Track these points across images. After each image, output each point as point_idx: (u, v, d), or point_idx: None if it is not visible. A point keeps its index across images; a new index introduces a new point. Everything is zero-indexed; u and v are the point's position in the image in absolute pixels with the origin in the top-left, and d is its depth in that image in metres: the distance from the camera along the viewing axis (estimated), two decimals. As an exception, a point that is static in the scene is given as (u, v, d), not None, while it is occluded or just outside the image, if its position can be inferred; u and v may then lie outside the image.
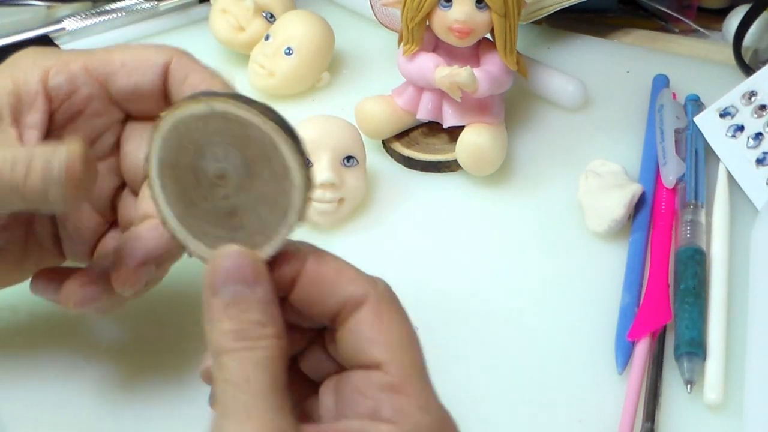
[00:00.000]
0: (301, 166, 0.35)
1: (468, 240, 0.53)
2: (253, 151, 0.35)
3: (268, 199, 0.35)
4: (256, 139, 0.35)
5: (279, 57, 0.61)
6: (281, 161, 0.35)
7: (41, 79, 0.41)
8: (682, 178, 0.53)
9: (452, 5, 0.52)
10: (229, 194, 0.35)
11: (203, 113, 0.35)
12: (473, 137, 0.54)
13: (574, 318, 0.48)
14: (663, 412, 0.43)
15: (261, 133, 0.35)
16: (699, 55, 0.66)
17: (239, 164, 0.35)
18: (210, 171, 0.35)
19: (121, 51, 0.42)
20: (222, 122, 0.35)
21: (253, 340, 0.32)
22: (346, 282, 0.34)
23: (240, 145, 0.35)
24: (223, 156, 0.35)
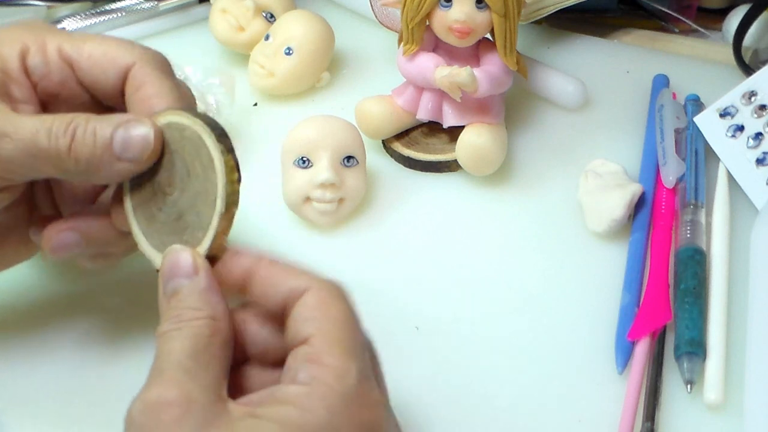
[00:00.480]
0: (222, 152, 0.37)
1: (468, 240, 0.53)
2: (189, 151, 0.38)
3: (201, 193, 0.38)
4: (189, 138, 0.38)
5: (279, 57, 0.61)
6: (207, 152, 0.37)
7: (20, 56, 0.41)
8: (682, 178, 0.53)
9: (452, 5, 0.52)
10: (176, 199, 0.38)
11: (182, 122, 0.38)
12: (473, 137, 0.54)
13: (574, 318, 0.48)
14: (663, 412, 0.44)
15: (191, 131, 0.38)
16: (699, 55, 0.66)
17: (181, 167, 0.38)
18: (162, 181, 0.39)
19: (93, 41, 0.42)
20: (168, 133, 0.39)
21: (184, 321, 0.35)
22: (293, 276, 0.36)
23: (179, 148, 0.38)
24: (170, 164, 0.39)
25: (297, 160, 0.52)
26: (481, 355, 0.47)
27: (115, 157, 0.38)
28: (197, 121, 0.38)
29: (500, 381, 0.46)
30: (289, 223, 0.54)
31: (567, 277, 0.50)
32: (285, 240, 0.53)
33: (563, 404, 0.44)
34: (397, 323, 0.48)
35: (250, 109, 0.63)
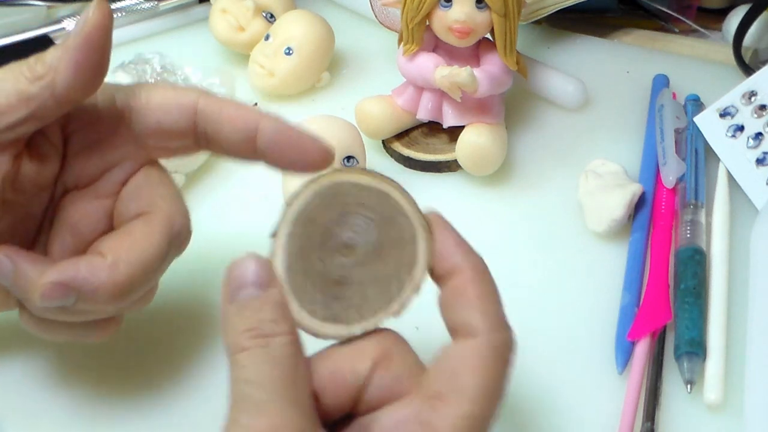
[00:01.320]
0: (424, 271, 0.35)
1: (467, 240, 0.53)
2: (391, 236, 0.35)
3: (381, 283, 0.35)
4: (401, 226, 0.36)
5: (279, 57, 0.61)
6: (412, 257, 0.35)
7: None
8: (682, 178, 0.53)
9: (452, 5, 0.52)
10: (346, 265, 0.35)
11: (366, 184, 0.36)
12: (473, 137, 0.54)
13: (574, 318, 0.48)
14: (663, 412, 0.43)
15: (409, 224, 0.36)
16: (699, 55, 0.66)
17: (372, 241, 0.35)
18: (341, 238, 0.35)
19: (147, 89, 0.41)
20: (377, 199, 0.36)
21: (268, 337, 0.32)
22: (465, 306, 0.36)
23: (383, 224, 0.36)
24: (362, 229, 0.36)
25: (297, 160, 0.52)
26: (481, 355, 0.47)
27: None
28: (419, 218, 0.36)
29: (500, 381, 0.46)
30: (289, 223, 0.54)
31: (567, 277, 0.50)
32: (285, 240, 0.52)
33: (563, 404, 0.44)
34: (397, 323, 0.48)
35: (250, 109, 0.63)
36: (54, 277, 0.38)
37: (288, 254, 0.35)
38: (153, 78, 0.57)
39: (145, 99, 0.41)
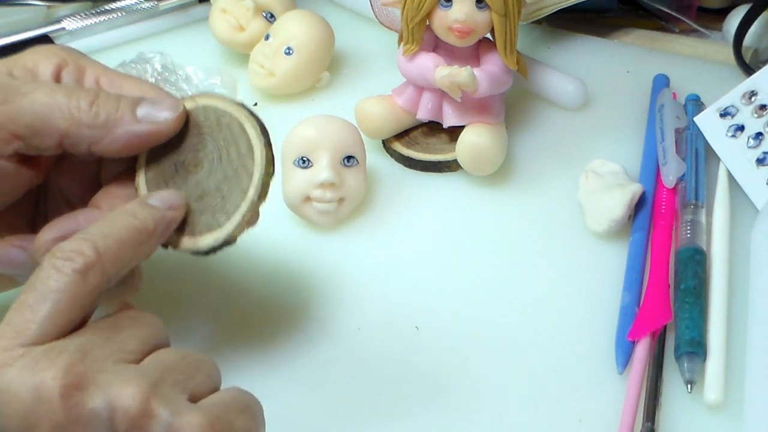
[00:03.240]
0: (264, 145, 0.38)
1: (468, 240, 0.53)
2: (225, 136, 0.38)
3: (233, 179, 0.38)
4: (227, 125, 0.38)
5: (279, 57, 0.61)
6: (246, 141, 0.38)
7: (56, 68, 0.41)
8: (682, 178, 0.53)
9: (452, 5, 0.52)
10: (201, 179, 0.38)
11: (191, 108, 0.39)
12: (473, 137, 0.54)
13: (574, 318, 0.48)
14: (663, 412, 0.43)
15: (231, 118, 0.38)
16: (699, 55, 0.66)
17: (212, 149, 0.38)
18: (187, 160, 0.39)
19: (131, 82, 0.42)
20: (203, 115, 0.39)
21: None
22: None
23: (214, 131, 0.39)
24: (201, 145, 0.39)
25: (297, 160, 0.52)
26: (481, 355, 0.47)
27: (136, 119, 0.39)
28: (240, 110, 0.38)
29: (500, 381, 0.46)
30: (289, 223, 0.54)
31: (567, 277, 0.50)
32: (285, 240, 0.53)
33: (563, 404, 0.44)
34: (397, 323, 0.48)
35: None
36: (54, 233, 0.39)
37: (148, 189, 0.39)
38: (154, 77, 0.57)
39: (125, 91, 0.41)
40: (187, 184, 0.39)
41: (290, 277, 0.49)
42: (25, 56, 0.41)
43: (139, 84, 0.42)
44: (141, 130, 0.39)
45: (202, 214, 0.38)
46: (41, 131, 0.38)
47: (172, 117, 0.39)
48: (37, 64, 0.41)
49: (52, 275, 0.34)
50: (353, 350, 0.47)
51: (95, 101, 0.39)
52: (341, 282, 0.51)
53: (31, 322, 0.33)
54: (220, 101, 0.39)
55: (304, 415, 0.44)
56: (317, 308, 0.49)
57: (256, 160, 0.38)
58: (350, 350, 0.47)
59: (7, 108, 0.38)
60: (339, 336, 0.48)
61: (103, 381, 0.33)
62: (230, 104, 0.39)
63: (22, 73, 0.40)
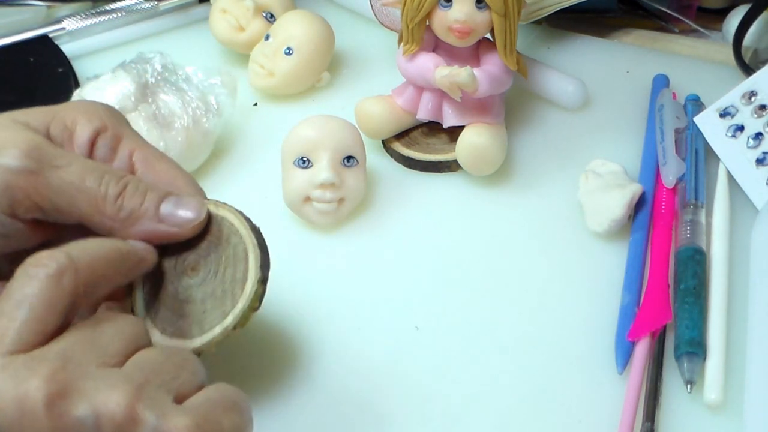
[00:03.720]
0: (258, 281, 0.38)
1: (468, 240, 0.53)
2: (228, 255, 0.39)
3: (218, 299, 0.39)
4: (234, 246, 0.39)
5: (279, 57, 0.61)
6: (244, 269, 0.38)
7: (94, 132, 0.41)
8: (682, 178, 0.53)
9: (452, 5, 0.52)
10: (192, 285, 0.39)
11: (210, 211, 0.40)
12: (473, 137, 0.54)
13: (574, 318, 0.48)
14: (663, 412, 0.44)
15: (240, 241, 0.39)
16: (699, 55, 0.66)
17: (213, 262, 0.39)
18: (188, 261, 0.39)
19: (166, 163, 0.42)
20: (216, 225, 0.40)
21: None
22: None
23: (221, 246, 0.39)
24: (205, 253, 0.39)
25: (297, 160, 0.52)
26: (481, 355, 0.47)
27: (158, 219, 0.39)
28: (251, 236, 0.39)
29: (500, 381, 0.46)
30: (289, 223, 0.54)
31: (567, 277, 0.50)
32: (285, 240, 0.52)
33: (563, 404, 0.44)
34: (397, 323, 0.48)
35: (250, 109, 0.63)
36: None
37: (143, 282, 0.40)
38: (154, 77, 0.57)
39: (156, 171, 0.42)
40: (180, 283, 0.39)
41: (290, 277, 0.49)
42: (67, 111, 0.41)
43: (171, 167, 0.42)
44: (160, 230, 0.39)
45: (180, 318, 0.39)
46: (64, 210, 0.39)
47: (193, 222, 0.39)
48: (75, 124, 0.40)
49: (25, 282, 0.34)
50: (353, 350, 0.47)
51: (122, 193, 0.38)
52: (341, 282, 0.51)
53: (8, 329, 0.33)
54: (237, 218, 0.40)
55: (303, 415, 0.44)
56: (317, 308, 0.49)
57: (245, 292, 0.38)
58: (350, 350, 0.47)
59: (36, 180, 0.38)
60: (339, 336, 0.48)
61: (87, 388, 0.32)
62: (244, 226, 0.39)
63: (59, 131, 0.40)
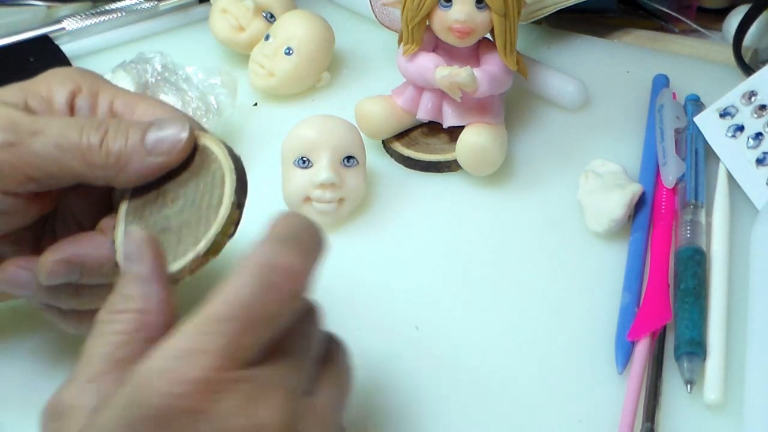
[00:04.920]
0: (233, 205, 0.37)
1: (468, 240, 0.53)
2: (206, 182, 0.38)
3: (193, 225, 0.38)
4: (213, 172, 0.38)
5: (279, 57, 0.61)
6: (219, 195, 0.38)
7: (70, 94, 0.41)
8: (682, 178, 0.53)
9: (452, 5, 0.52)
10: (169, 215, 0.39)
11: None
12: (473, 137, 0.54)
13: (574, 318, 0.48)
14: (663, 412, 0.44)
15: (218, 167, 0.38)
16: (699, 55, 0.66)
17: (191, 190, 0.39)
18: (169, 192, 0.39)
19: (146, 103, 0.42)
20: (200, 153, 0.39)
21: (115, 313, 0.34)
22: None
23: (201, 174, 0.39)
24: (184, 182, 0.39)
25: (297, 160, 0.52)
26: (481, 355, 0.47)
27: (146, 152, 0.39)
28: (229, 162, 0.38)
29: (500, 381, 0.46)
30: (289, 223, 0.54)
31: (567, 277, 0.50)
32: (285, 240, 0.52)
33: (563, 404, 0.44)
34: (397, 323, 0.48)
35: (250, 109, 0.63)
36: (58, 255, 0.40)
37: (126, 216, 0.40)
38: (154, 77, 0.57)
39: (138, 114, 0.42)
40: (159, 214, 0.39)
41: (290, 277, 0.49)
42: (41, 82, 0.41)
43: (151, 104, 0.42)
44: (152, 164, 0.39)
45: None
46: (55, 174, 0.39)
47: (180, 140, 0.39)
48: (51, 92, 0.41)
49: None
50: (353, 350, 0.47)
51: (104, 137, 0.39)
52: (341, 282, 0.51)
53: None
54: (217, 146, 0.39)
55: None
56: (317, 308, 0.49)
57: (218, 217, 0.38)
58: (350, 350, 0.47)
59: (19, 151, 0.38)
60: (338, 336, 0.48)
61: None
62: (223, 152, 0.39)
63: (37, 102, 0.41)
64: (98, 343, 0.34)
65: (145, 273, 0.35)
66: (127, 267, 0.36)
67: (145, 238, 0.36)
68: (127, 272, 0.36)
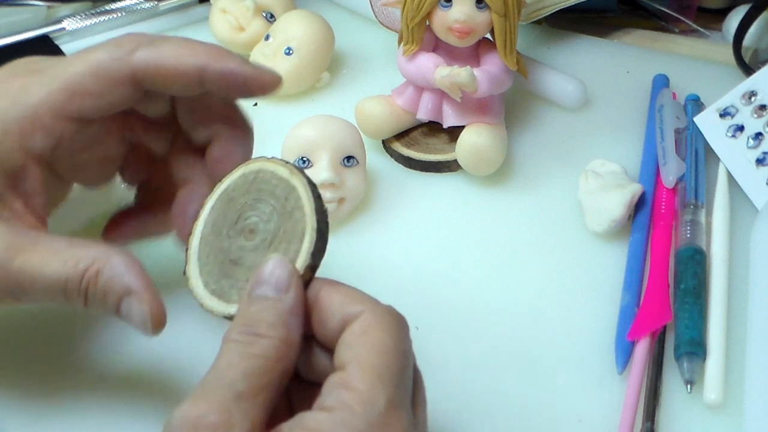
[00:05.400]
0: (307, 268, 0.36)
1: (468, 240, 0.53)
2: (286, 227, 0.37)
3: None
4: (296, 221, 0.37)
5: (279, 57, 0.61)
6: (296, 251, 0.36)
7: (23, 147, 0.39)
8: (682, 178, 0.53)
9: (452, 5, 0.52)
10: (245, 248, 0.37)
11: (281, 175, 0.38)
12: (473, 137, 0.54)
13: (574, 318, 0.48)
14: (663, 412, 0.44)
15: (302, 217, 0.37)
16: (699, 55, 0.66)
17: (272, 230, 0.37)
18: (249, 221, 0.38)
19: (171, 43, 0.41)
20: (286, 193, 0.37)
21: (256, 336, 0.33)
22: (349, 302, 0.35)
23: (284, 217, 0.37)
24: (266, 217, 0.37)
25: (297, 160, 0.52)
26: (481, 355, 0.47)
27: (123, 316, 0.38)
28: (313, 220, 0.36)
29: (500, 381, 0.46)
30: (289, 223, 0.54)
31: (567, 277, 0.50)
32: (285, 240, 0.53)
33: (563, 404, 0.44)
34: (397, 323, 0.48)
35: (250, 109, 0.62)
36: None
37: (205, 224, 0.38)
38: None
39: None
40: (236, 242, 0.38)
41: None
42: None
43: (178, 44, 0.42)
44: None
45: (224, 277, 0.37)
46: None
47: (150, 326, 0.37)
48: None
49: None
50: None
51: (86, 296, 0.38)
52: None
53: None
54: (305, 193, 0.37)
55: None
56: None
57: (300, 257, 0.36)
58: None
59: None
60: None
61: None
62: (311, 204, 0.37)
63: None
64: (236, 362, 0.33)
65: (290, 306, 0.34)
66: (265, 292, 0.35)
67: (292, 268, 0.35)
68: (264, 298, 0.34)
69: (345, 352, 0.33)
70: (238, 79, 0.39)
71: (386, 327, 0.34)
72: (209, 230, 0.39)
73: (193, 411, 0.31)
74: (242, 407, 0.32)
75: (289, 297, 0.34)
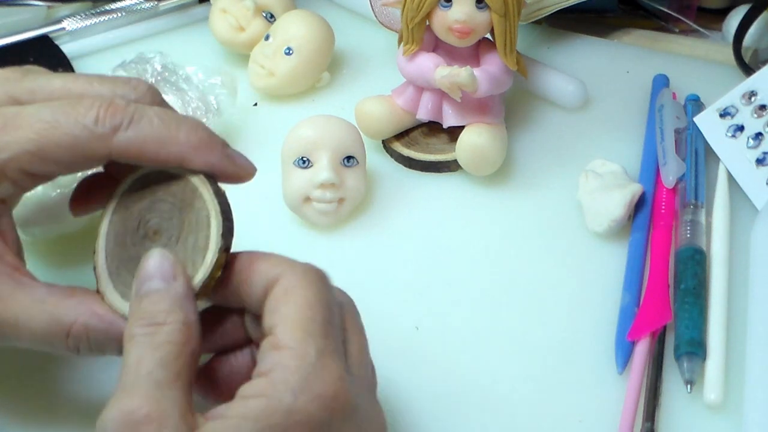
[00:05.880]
0: (220, 250, 0.36)
1: (468, 240, 0.53)
2: (190, 219, 0.37)
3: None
4: (198, 209, 0.37)
5: (279, 57, 0.61)
6: (206, 238, 0.37)
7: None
8: (682, 178, 0.53)
9: (452, 5, 0.52)
10: (149, 248, 0.37)
11: (173, 172, 0.38)
12: (473, 137, 0.54)
13: (573, 318, 0.48)
14: (663, 412, 0.44)
15: (203, 205, 0.37)
16: (699, 55, 0.66)
17: (176, 225, 0.38)
18: (151, 224, 0.38)
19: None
20: (181, 188, 0.38)
21: (157, 325, 0.34)
22: (268, 266, 0.36)
23: (185, 210, 0.38)
24: (168, 215, 0.38)
25: (297, 160, 0.52)
26: (481, 355, 0.47)
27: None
28: (214, 203, 0.37)
29: (500, 381, 0.46)
30: (289, 223, 0.54)
31: (567, 277, 0.50)
32: (285, 240, 0.53)
33: (563, 404, 0.44)
34: (397, 323, 0.48)
35: (250, 109, 0.63)
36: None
37: (107, 240, 0.39)
38: (154, 77, 0.57)
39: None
40: (142, 246, 0.38)
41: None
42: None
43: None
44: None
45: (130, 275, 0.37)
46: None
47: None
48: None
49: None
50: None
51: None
52: (341, 282, 0.50)
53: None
54: (200, 182, 0.38)
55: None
56: (317, 308, 0.49)
57: (205, 261, 0.36)
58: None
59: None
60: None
61: None
62: (208, 190, 0.38)
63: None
64: (147, 354, 0.33)
65: (183, 290, 0.35)
66: (154, 285, 0.35)
67: (173, 259, 0.36)
68: (154, 290, 0.35)
69: (271, 316, 0.35)
70: (216, 171, 0.39)
71: (306, 283, 0.36)
72: (113, 244, 0.39)
73: (124, 407, 0.32)
74: (168, 395, 0.32)
75: (178, 284, 0.35)
